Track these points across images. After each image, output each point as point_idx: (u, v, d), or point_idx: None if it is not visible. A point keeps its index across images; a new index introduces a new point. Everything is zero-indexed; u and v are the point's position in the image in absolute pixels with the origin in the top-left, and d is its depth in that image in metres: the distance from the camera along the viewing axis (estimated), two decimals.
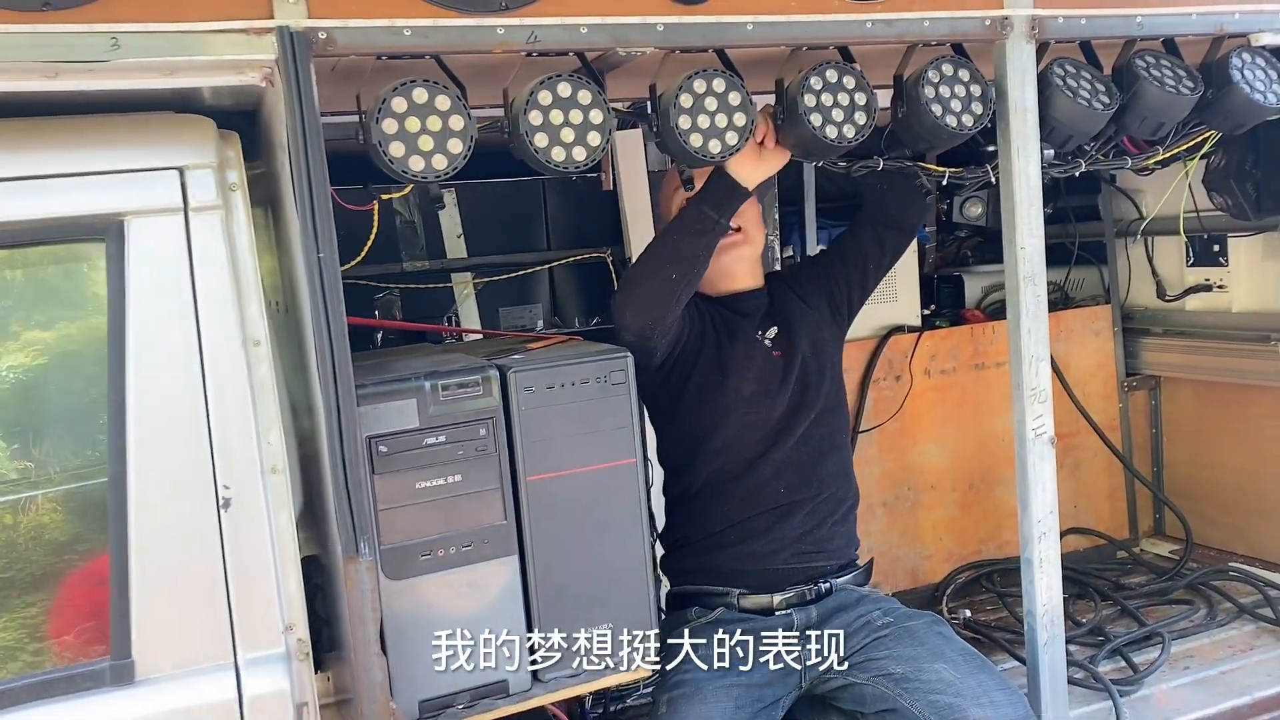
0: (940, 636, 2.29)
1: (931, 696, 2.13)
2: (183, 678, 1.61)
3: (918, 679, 2.17)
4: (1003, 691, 2.13)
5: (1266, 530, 3.49)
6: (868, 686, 2.23)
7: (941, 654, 2.21)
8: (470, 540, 1.89)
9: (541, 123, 1.83)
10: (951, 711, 2.09)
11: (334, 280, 1.68)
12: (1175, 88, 2.26)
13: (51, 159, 1.62)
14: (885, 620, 2.32)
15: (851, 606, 2.38)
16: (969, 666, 2.18)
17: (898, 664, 2.22)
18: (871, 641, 2.29)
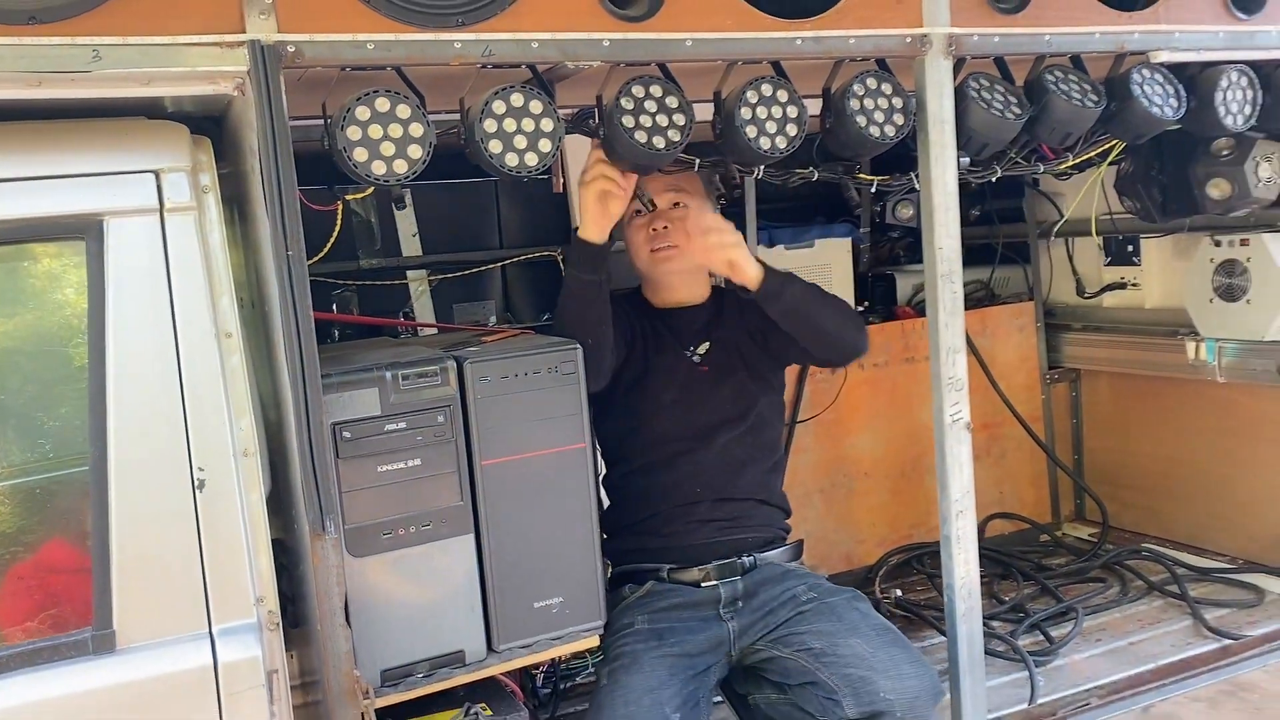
0: (858, 613, 2.42)
1: (846, 670, 2.26)
2: (161, 646, 1.71)
3: (834, 653, 2.30)
4: (911, 665, 2.26)
5: (1177, 513, 3.73)
6: (789, 660, 2.37)
7: (857, 629, 2.34)
8: (429, 520, 2.02)
9: (496, 130, 1.96)
10: (864, 684, 2.22)
11: (302, 276, 1.79)
12: (1081, 101, 2.45)
13: (33, 162, 1.71)
14: (809, 596, 2.46)
15: (777, 581, 2.51)
16: (881, 641, 2.32)
17: (817, 639, 2.35)
18: (795, 616, 2.43)
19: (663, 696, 2.30)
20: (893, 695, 2.21)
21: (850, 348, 2.57)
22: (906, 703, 2.20)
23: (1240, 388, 3.37)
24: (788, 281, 2.44)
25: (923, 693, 2.23)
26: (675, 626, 2.45)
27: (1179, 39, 2.54)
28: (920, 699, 2.22)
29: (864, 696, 2.22)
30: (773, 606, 2.47)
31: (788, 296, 2.42)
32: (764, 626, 2.45)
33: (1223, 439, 3.51)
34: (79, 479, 1.73)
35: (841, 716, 2.24)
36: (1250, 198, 2.91)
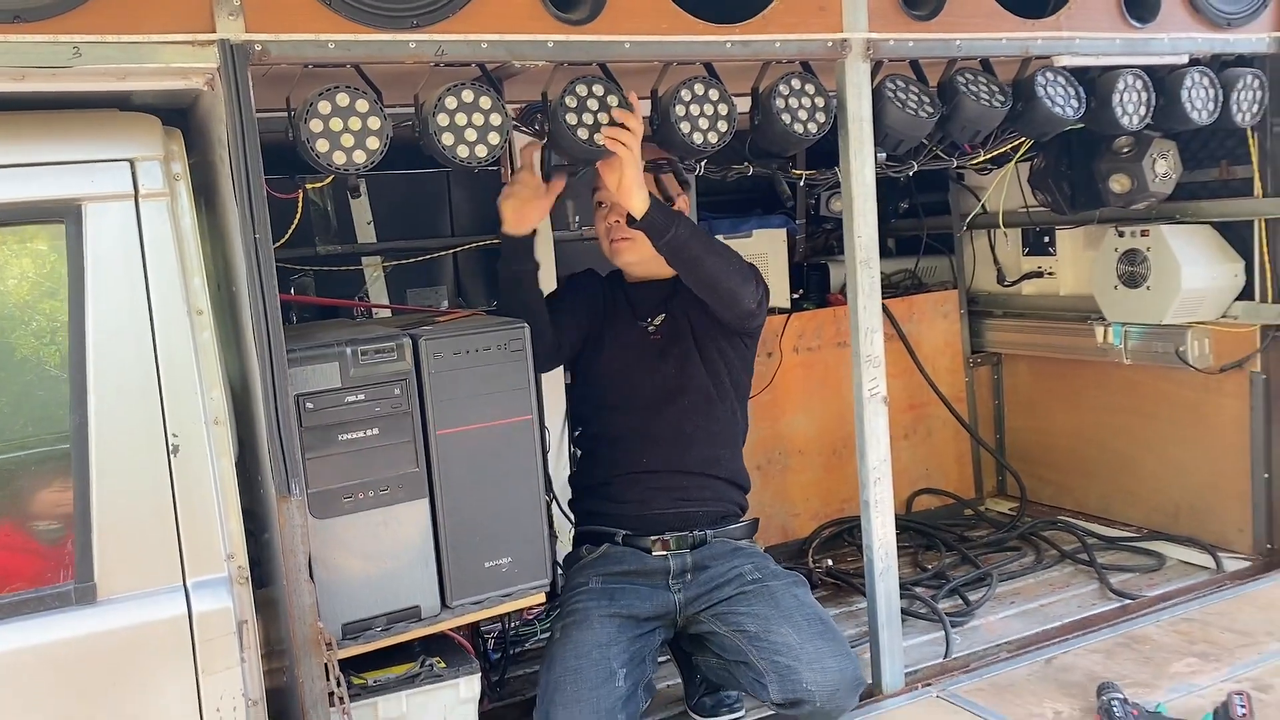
0: (795, 599, 2.55)
1: (775, 657, 2.42)
2: (139, 598, 1.85)
3: (766, 639, 2.46)
4: (834, 658, 2.41)
5: (1088, 487, 3.98)
6: (726, 637, 2.53)
7: (790, 617, 2.48)
8: (386, 485, 2.17)
9: (448, 124, 2.12)
10: (790, 673, 2.38)
11: (268, 259, 1.95)
12: (989, 101, 2.67)
13: (16, 150, 1.84)
14: (754, 576, 2.60)
15: (726, 558, 2.65)
16: (811, 632, 2.45)
17: (752, 622, 2.50)
18: (736, 595, 2.57)
19: (610, 652, 2.48)
20: (814, 686, 2.37)
21: (733, 295, 2.57)
22: (826, 694, 2.37)
23: (1144, 369, 3.62)
24: (676, 221, 2.46)
25: (843, 685, 2.39)
26: (626, 588, 2.61)
27: (1079, 45, 2.77)
28: (840, 691, 2.39)
29: (788, 684, 2.38)
30: (719, 582, 2.61)
31: (673, 235, 2.44)
32: (707, 600, 2.60)
33: (1129, 418, 3.76)
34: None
35: (767, 698, 2.43)
36: (1148, 191, 3.16)
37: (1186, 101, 2.90)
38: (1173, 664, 2.69)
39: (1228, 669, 2.63)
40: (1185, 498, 3.61)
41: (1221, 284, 3.30)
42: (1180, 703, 2.45)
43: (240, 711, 1.91)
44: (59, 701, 1.80)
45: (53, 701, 1.79)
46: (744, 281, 2.57)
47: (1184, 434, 3.57)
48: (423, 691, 2.25)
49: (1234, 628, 2.88)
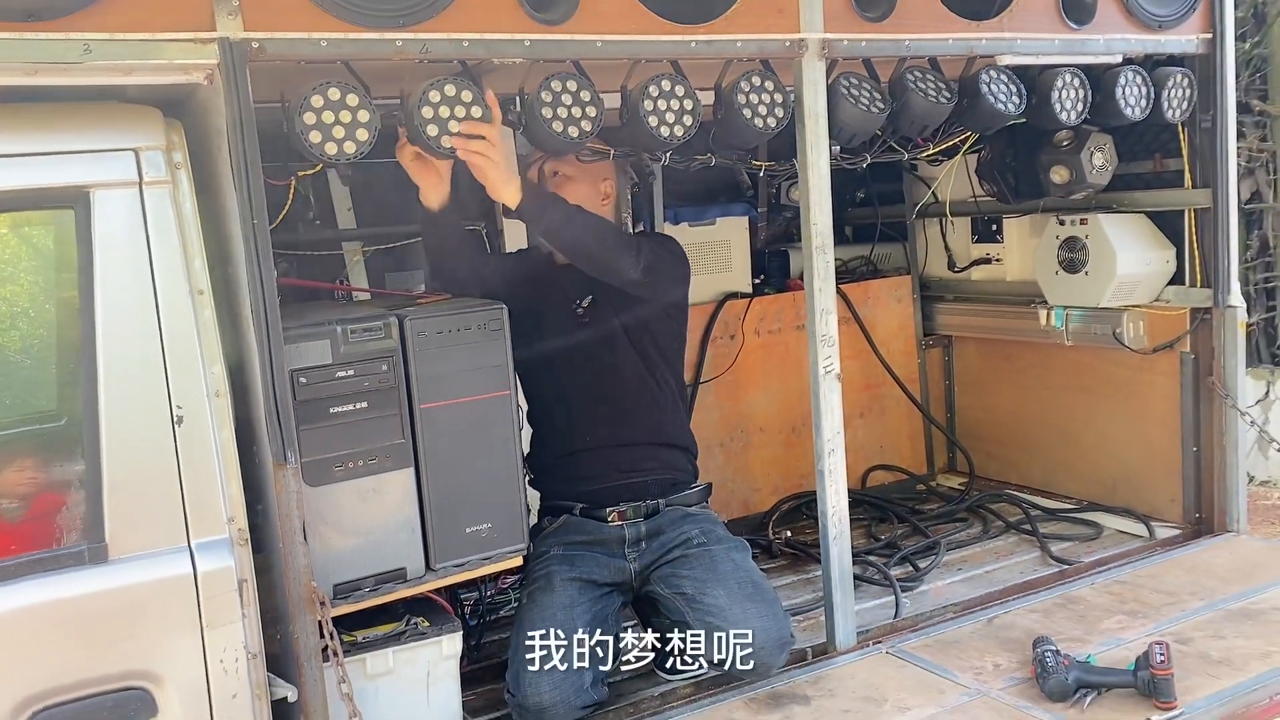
0: (732, 563, 2.74)
1: (707, 618, 2.63)
2: (147, 558, 1.98)
3: (700, 601, 2.67)
4: (761, 619, 2.61)
5: (1032, 462, 4.20)
6: (667, 599, 2.74)
7: (724, 580, 2.68)
8: (375, 455, 2.32)
9: (433, 115, 2.27)
10: (715, 632, 2.60)
11: (265, 242, 2.09)
12: (936, 98, 2.85)
13: (28, 140, 1.97)
14: (700, 540, 2.79)
15: (677, 523, 2.83)
16: (741, 595, 2.65)
17: (690, 584, 2.70)
18: (680, 558, 2.76)
19: (574, 613, 2.66)
20: (739, 646, 2.58)
21: (612, 266, 2.68)
22: (753, 653, 2.59)
23: (1084, 350, 3.84)
24: (548, 207, 2.58)
25: (768, 644, 2.61)
26: (585, 555, 2.80)
27: (1021, 45, 2.96)
28: (765, 648, 2.60)
29: (715, 645, 2.60)
30: (669, 546, 2.80)
31: (547, 221, 2.57)
32: (657, 564, 2.79)
33: (1070, 396, 3.98)
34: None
35: (699, 654, 2.64)
36: (1086, 182, 3.36)
37: (1121, 98, 3.10)
38: (1104, 621, 2.90)
39: (1153, 625, 2.85)
40: (1121, 471, 3.83)
41: (1154, 270, 3.51)
42: (1108, 654, 2.66)
43: (241, 663, 2.05)
44: (75, 653, 1.93)
45: (69, 652, 1.93)
46: (622, 252, 2.69)
47: (1120, 411, 3.79)
48: (408, 648, 2.42)
49: (1161, 589, 3.10)
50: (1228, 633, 2.77)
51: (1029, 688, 2.55)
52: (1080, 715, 2.41)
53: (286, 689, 2.12)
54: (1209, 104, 3.31)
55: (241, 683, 2.05)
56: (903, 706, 2.52)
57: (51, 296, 2.06)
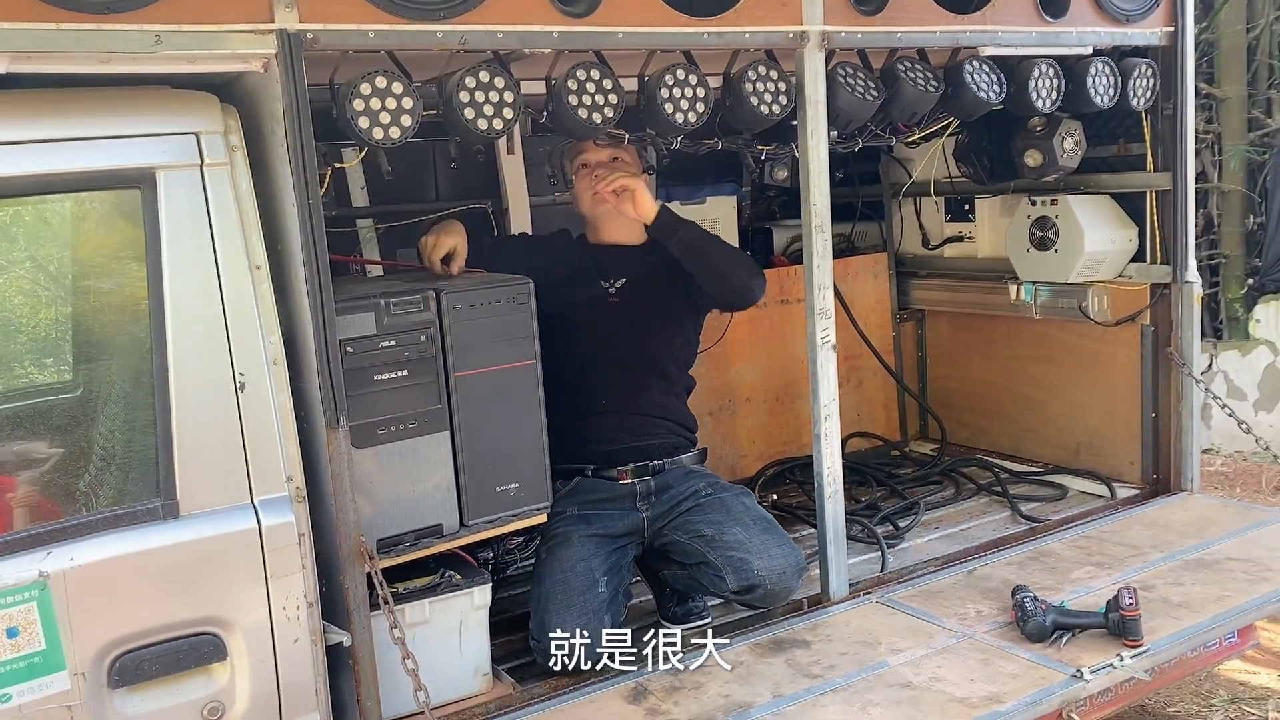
0: (742, 505, 3.00)
1: (729, 553, 2.86)
2: (216, 514, 2.14)
3: (720, 539, 2.89)
4: (780, 547, 2.88)
5: (1001, 428, 4.45)
6: (687, 544, 2.95)
7: (739, 519, 2.92)
8: (414, 420, 2.49)
9: (469, 100, 2.43)
10: (742, 564, 2.83)
11: (319, 220, 2.24)
12: (925, 86, 3.05)
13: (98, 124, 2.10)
14: (708, 491, 3.02)
15: (683, 480, 3.06)
16: (757, 529, 2.91)
17: (708, 527, 2.93)
18: (693, 507, 2.99)
19: (592, 564, 2.86)
20: (764, 571, 2.83)
21: (743, 288, 3.05)
22: (775, 576, 2.83)
23: (1051, 323, 4.09)
24: (685, 225, 2.96)
25: (788, 568, 2.86)
26: (600, 513, 3.00)
27: (1002, 37, 3.17)
28: (786, 573, 2.85)
29: (742, 573, 2.83)
30: (678, 499, 3.02)
31: (683, 235, 2.95)
32: (669, 515, 3.01)
33: (1037, 366, 4.23)
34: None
35: (725, 588, 2.86)
36: (1057, 165, 3.59)
37: (1091, 87, 3.33)
38: (1074, 571, 3.16)
39: (1119, 574, 3.11)
40: (1085, 436, 4.09)
41: (1119, 247, 3.76)
42: (1080, 600, 2.91)
43: (302, 611, 2.22)
44: (151, 602, 2.09)
45: (146, 602, 2.08)
46: (750, 275, 3.05)
47: (1084, 380, 4.05)
48: (443, 599, 2.60)
49: (1124, 543, 3.36)
50: (1186, 580, 3.04)
51: (1010, 630, 2.79)
52: (1058, 654, 2.65)
53: (341, 635, 2.29)
54: (1170, 92, 3.56)
55: (302, 629, 2.22)
56: (895, 648, 2.74)
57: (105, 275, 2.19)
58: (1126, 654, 2.60)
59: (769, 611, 3.07)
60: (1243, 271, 6.80)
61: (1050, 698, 2.46)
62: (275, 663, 2.20)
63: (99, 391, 2.18)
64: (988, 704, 2.44)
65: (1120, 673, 2.57)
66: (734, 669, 2.69)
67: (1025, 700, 2.44)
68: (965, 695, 2.47)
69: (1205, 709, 3.85)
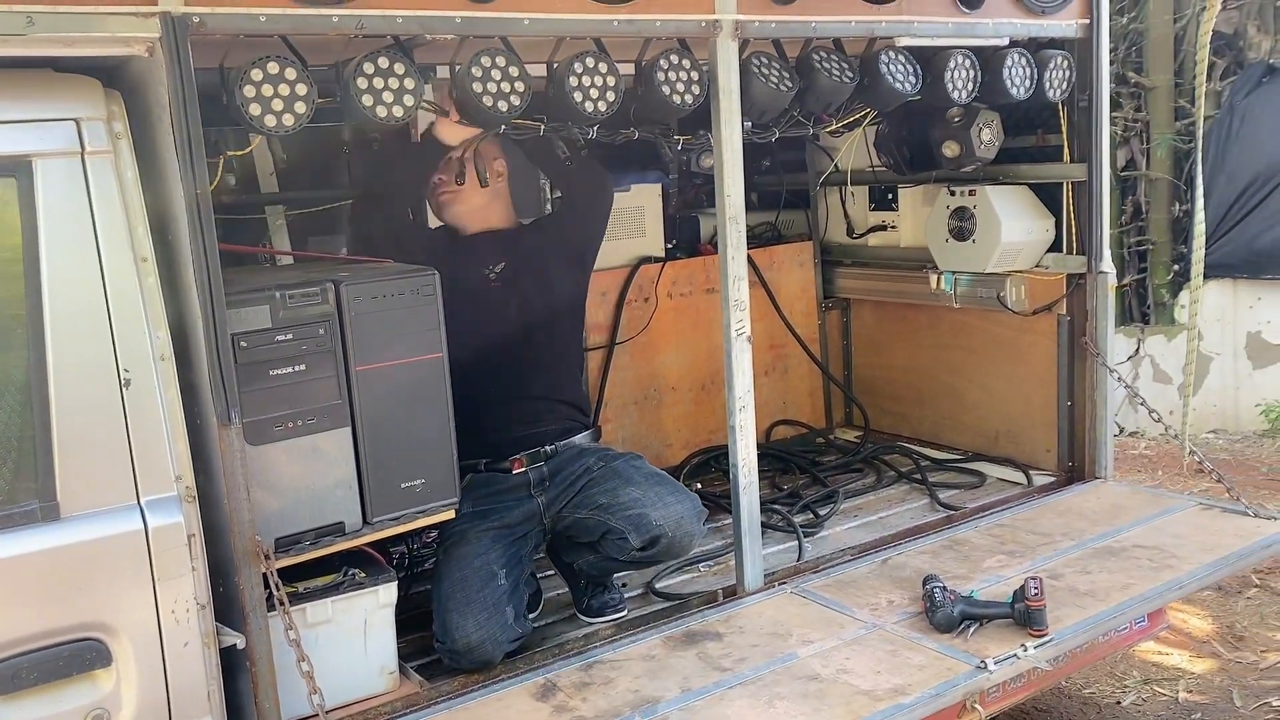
0: (634, 468, 3.00)
1: (626, 512, 2.86)
2: (98, 515, 2.07)
3: (616, 503, 2.89)
4: (673, 495, 2.90)
5: (922, 415, 4.49)
6: (587, 518, 2.94)
7: (631, 480, 2.93)
8: (313, 415, 2.42)
9: (367, 87, 2.36)
10: (640, 519, 2.83)
11: (208, 210, 2.16)
12: (840, 77, 3.04)
13: None
14: (599, 465, 3.01)
15: (574, 458, 3.04)
16: (649, 483, 2.92)
17: (604, 495, 2.92)
18: (588, 483, 2.98)
19: (490, 559, 2.84)
20: (663, 521, 2.83)
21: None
22: (674, 523, 2.84)
23: (971, 312, 4.12)
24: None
25: (686, 513, 2.87)
26: (496, 507, 2.97)
27: (918, 27, 3.17)
28: (685, 519, 2.86)
29: (642, 528, 2.83)
30: (572, 480, 3.01)
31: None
32: (565, 496, 2.99)
33: (956, 355, 4.27)
34: None
35: (631, 548, 2.86)
36: (975, 156, 3.61)
37: (1007, 79, 3.34)
38: (985, 560, 3.19)
39: (1029, 563, 3.15)
40: (1003, 424, 4.14)
41: (1036, 238, 3.80)
42: (990, 589, 2.94)
43: (192, 614, 2.16)
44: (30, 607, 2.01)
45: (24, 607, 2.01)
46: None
47: (1003, 369, 4.09)
48: (346, 597, 2.55)
49: (1037, 530, 3.40)
50: (1093, 568, 3.08)
51: (919, 621, 2.81)
52: (965, 644, 2.67)
53: (235, 637, 2.23)
54: (1086, 84, 3.58)
55: (193, 632, 2.16)
56: (806, 640, 2.75)
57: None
58: (1030, 644, 2.63)
59: (684, 604, 3.07)
60: (1169, 258, 6.94)
61: (954, 689, 2.48)
62: (164, 667, 2.13)
63: None
64: (892, 696, 2.45)
65: (1024, 663, 2.59)
66: (645, 662, 2.67)
67: (929, 692, 2.45)
68: (871, 687, 2.48)
69: (1119, 690, 3.93)
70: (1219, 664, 4.06)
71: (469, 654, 2.67)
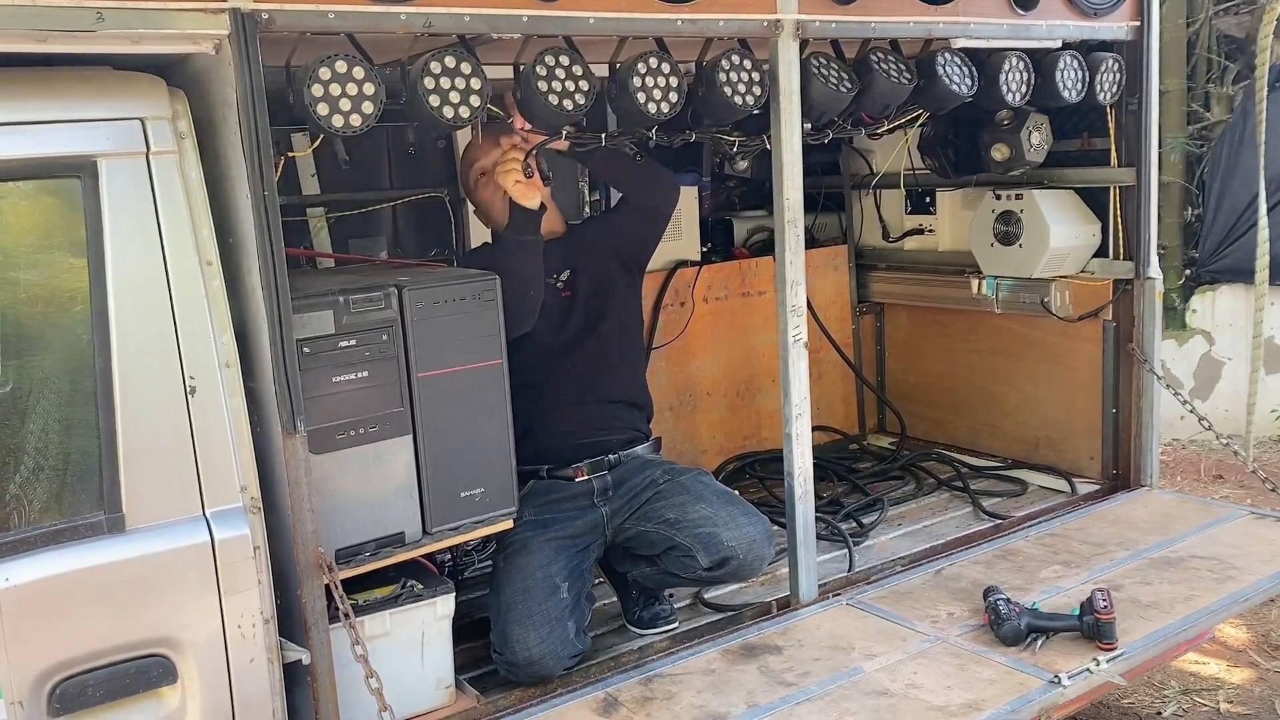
0: (702, 484, 2.94)
1: (696, 530, 2.79)
2: (164, 527, 2.00)
3: (685, 519, 2.83)
4: (746, 517, 2.83)
5: (959, 422, 4.44)
6: (652, 531, 2.88)
7: (702, 497, 2.87)
8: (375, 423, 2.36)
9: (434, 87, 2.30)
10: (711, 538, 2.77)
11: (275, 212, 2.10)
12: (898, 78, 2.99)
13: (32, 107, 1.94)
14: (665, 478, 2.95)
15: (639, 470, 2.99)
16: (720, 502, 2.86)
17: (671, 510, 2.86)
18: (653, 496, 2.92)
19: (552, 570, 2.77)
20: (734, 542, 2.77)
21: (660, 178, 3.10)
22: (746, 545, 2.77)
23: (1011, 317, 4.07)
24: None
25: (758, 537, 2.80)
26: (558, 516, 2.90)
27: (974, 29, 3.12)
28: (757, 541, 2.79)
29: (712, 547, 2.77)
30: (637, 491, 2.95)
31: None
32: (630, 508, 2.93)
33: (996, 360, 4.22)
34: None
35: (698, 567, 2.79)
36: (1024, 159, 3.55)
37: (1060, 81, 3.29)
38: (1041, 571, 3.14)
39: (1086, 573, 3.09)
40: (1044, 431, 4.09)
41: (1082, 243, 3.75)
42: (1051, 600, 2.89)
43: (258, 628, 2.09)
44: (95, 623, 1.95)
45: (89, 623, 1.94)
46: (658, 169, 3.11)
47: (1044, 374, 4.04)
48: (405, 610, 2.49)
49: (1089, 540, 3.35)
50: (1153, 579, 3.03)
51: (983, 633, 2.75)
52: (1033, 658, 2.62)
53: (300, 652, 2.17)
54: (1135, 87, 3.54)
55: (258, 647, 2.10)
56: (869, 653, 2.69)
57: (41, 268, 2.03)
58: (1102, 658, 2.58)
59: (738, 615, 3.02)
60: (1180, 262, 6.90)
61: (1029, 705, 2.42)
62: (230, 684, 2.07)
63: (34, 394, 2.01)
64: (967, 712, 2.39)
65: (1097, 677, 2.54)
66: (706, 676, 2.61)
67: (1005, 708, 2.39)
68: (944, 703, 2.43)
69: (1158, 700, 3.88)
70: (1257, 674, 4.02)
71: (529, 667, 2.61)
